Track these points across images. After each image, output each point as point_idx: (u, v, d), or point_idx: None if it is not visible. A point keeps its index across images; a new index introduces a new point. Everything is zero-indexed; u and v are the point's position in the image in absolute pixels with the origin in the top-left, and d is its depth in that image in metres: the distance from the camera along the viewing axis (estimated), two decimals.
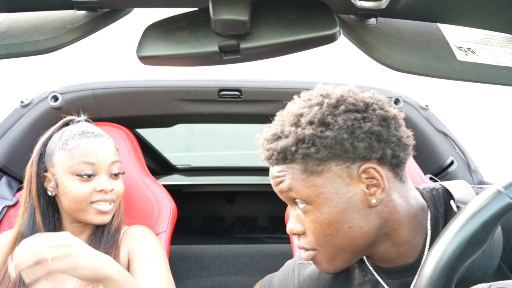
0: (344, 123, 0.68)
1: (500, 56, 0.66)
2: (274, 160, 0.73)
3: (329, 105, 0.70)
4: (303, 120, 0.70)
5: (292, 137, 0.70)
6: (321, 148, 0.68)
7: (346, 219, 0.69)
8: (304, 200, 0.71)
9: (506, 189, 0.50)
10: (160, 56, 0.60)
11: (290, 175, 0.71)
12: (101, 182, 1.07)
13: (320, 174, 0.69)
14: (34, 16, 0.66)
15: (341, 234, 0.70)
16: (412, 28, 0.67)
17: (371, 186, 0.69)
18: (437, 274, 0.49)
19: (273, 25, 0.58)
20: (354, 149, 0.68)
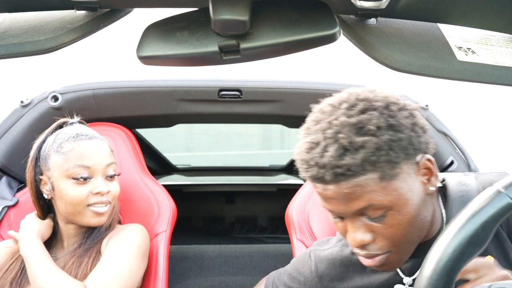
0: (406, 122, 0.69)
1: (500, 56, 0.66)
2: (345, 176, 0.67)
3: (382, 107, 0.69)
4: (369, 128, 0.66)
5: (372, 147, 0.66)
6: (399, 151, 0.67)
7: (419, 212, 0.71)
8: (387, 207, 0.69)
9: (506, 189, 0.50)
10: (160, 56, 0.60)
11: (367, 187, 0.67)
12: (97, 185, 1.07)
13: (397, 177, 0.68)
14: (34, 16, 0.66)
15: (417, 228, 0.72)
16: (412, 28, 0.67)
17: (426, 175, 0.72)
18: (437, 274, 0.49)
19: (273, 25, 0.58)
20: (419, 144, 0.70)
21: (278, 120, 1.66)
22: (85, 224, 1.08)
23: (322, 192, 0.72)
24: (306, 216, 1.29)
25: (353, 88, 0.75)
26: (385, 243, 0.71)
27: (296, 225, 1.27)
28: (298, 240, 1.23)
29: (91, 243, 1.09)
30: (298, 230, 1.25)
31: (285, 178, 2.80)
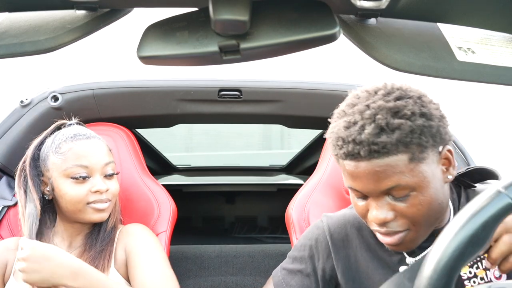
0: (435, 113, 0.76)
1: (500, 56, 0.66)
2: (379, 154, 0.72)
3: (416, 97, 0.76)
4: (405, 112, 0.73)
5: (407, 129, 0.71)
6: (429, 136, 0.73)
7: (438, 196, 0.77)
8: (411, 188, 0.74)
9: (506, 189, 0.50)
10: (160, 56, 0.60)
11: (397, 168, 0.73)
12: (96, 183, 1.08)
13: (424, 161, 0.74)
14: (34, 16, 0.66)
15: (435, 211, 0.78)
16: (412, 28, 0.67)
17: (445, 165, 0.79)
18: (437, 274, 0.49)
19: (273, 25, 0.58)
20: (445, 135, 0.77)
21: (278, 120, 1.66)
22: (87, 220, 1.09)
23: (353, 170, 0.76)
24: (306, 216, 1.29)
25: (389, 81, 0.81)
26: (405, 221, 0.77)
27: (296, 225, 1.27)
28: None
29: (102, 245, 1.10)
30: (298, 230, 1.25)
31: (285, 178, 2.80)
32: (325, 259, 0.94)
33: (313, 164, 1.69)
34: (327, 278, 0.94)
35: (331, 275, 0.94)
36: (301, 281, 0.96)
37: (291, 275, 0.98)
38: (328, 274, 0.94)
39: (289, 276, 0.98)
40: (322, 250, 0.95)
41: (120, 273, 1.08)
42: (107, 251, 1.09)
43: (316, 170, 1.41)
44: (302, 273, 0.96)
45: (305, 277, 0.95)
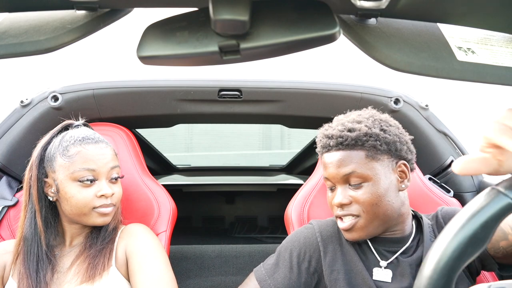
0: (394, 131, 1.02)
1: (500, 56, 0.66)
2: (343, 146, 0.99)
3: (381, 119, 1.03)
4: (367, 123, 1.00)
5: (363, 131, 0.98)
6: (383, 143, 0.98)
7: (387, 195, 0.98)
8: (363, 178, 0.98)
9: (506, 189, 0.50)
10: (160, 56, 0.60)
11: (356, 159, 0.98)
12: (102, 188, 1.09)
13: (378, 161, 0.98)
14: (34, 16, 0.66)
15: (382, 205, 0.98)
16: (412, 28, 0.67)
17: (401, 176, 1.02)
18: (437, 274, 0.49)
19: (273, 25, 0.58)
20: (400, 150, 1.01)
21: (278, 120, 1.66)
22: (90, 224, 1.10)
23: (326, 161, 1.02)
24: (305, 216, 1.29)
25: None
26: (358, 207, 0.98)
27: (295, 225, 1.27)
28: None
29: (102, 244, 1.11)
30: None
31: (285, 178, 2.80)
32: (312, 252, 1.05)
33: (313, 164, 1.69)
34: (311, 271, 1.04)
35: (316, 268, 1.04)
36: (283, 273, 1.03)
37: (274, 268, 1.05)
38: (313, 267, 1.04)
39: (272, 269, 1.05)
40: (309, 245, 1.06)
41: (121, 272, 1.08)
42: (107, 250, 1.10)
43: (315, 170, 1.41)
44: (286, 266, 1.04)
45: (289, 270, 1.03)
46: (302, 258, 1.05)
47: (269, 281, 1.03)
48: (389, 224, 1.01)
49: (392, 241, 1.04)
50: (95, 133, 1.17)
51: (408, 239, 1.04)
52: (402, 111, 1.49)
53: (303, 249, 1.06)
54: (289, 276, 1.03)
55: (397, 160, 1.01)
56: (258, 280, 1.05)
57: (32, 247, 1.08)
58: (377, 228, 1.00)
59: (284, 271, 1.04)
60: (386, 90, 1.51)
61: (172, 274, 1.09)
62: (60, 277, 1.07)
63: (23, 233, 1.10)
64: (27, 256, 1.07)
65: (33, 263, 1.06)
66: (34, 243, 1.08)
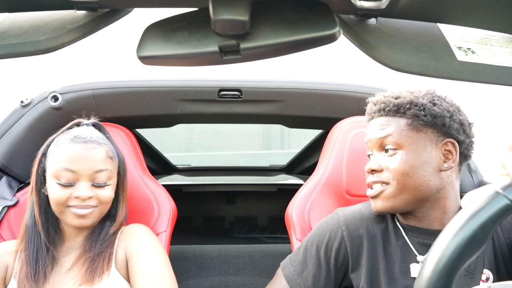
0: (445, 106, 0.95)
1: (500, 56, 0.66)
2: (385, 112, 0.96)
3: (437, 95, 0.98)
4: (418, 94, 0.97)
5: (408, 99, 0.95)
6: (428, 114, 0.93)
7: (423, 168, 0.92)
8: (398, 145, 0.94)
9: (504, 191, 0.50)
10: (160, 56, 0.60)
11: (395, 125, 0.95)
12: (79, 189, 1.06)
13: (419, 132, 0.93)
14: (34, 16, 0.66)
15: (415, 177, 0.92)
16: (412, 28, 0.67)
17: (446, 156, 0.94)
18: (436, 275, 0.49)
19: (273, 25, 0.58)
20: (449, 127, 0.93)
21: (278, 120, 1.66)
22: (69, 224, 1.09)
23: (369, 127, 1.00)
24: (306, 216, 1.29)
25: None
26: (388, 174, 0.94)
27: (296, 225, 1.27)
28: (298, 240, 1.23)
29: (102, 247, 1.09)
30: (298, 230, 1.25)
31: (285, 178, 2.80)
32: (338, 247, 1.00)
33: (313, 164, 1.69)
34: (338, 266, 1.00)
35: (342, 262, 1.00)
36: (312, 271, 1.00)
37: (302, 265, 1.01)
38: (340, 262, 1.00)
39: (300, 267, 1.02)
40: (336, 240, 1.01)
41: (121, 273, 1.08)
42: (106, 253, 1.08)
43: (316, 170, 1.41)
44: (313, 263, 1.00)
45: (317, 267, 1.00)
46: (329, 254, 1.00)
47: (299, 280, 1.00)
48: (420, 204, 0.94)
49: (429, 233, 0.95)
50: (93, 133, 1.13)
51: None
52: None
53: (330, 244, 1.01)
54: (318, 274, 1.00)
55: (444, 137, 0.94)
56: (287, 280, 1.02)
57: (32, 236, 1.09)
58: (406, 202, 0.93)
59: (313, 269, 1.00)
60: (386, 90, 1.51)
61: (172, 274, 1.09)
62: (59, 279, 1.07)
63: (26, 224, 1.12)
64: (27, 245, 1.09)
65: (33, 251, 1.08)
66: (33, 233, 1.10)
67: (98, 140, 1.11)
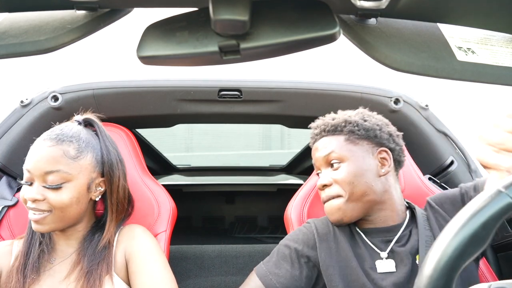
0: (375, 121, 1.11)
1: (500, 56, 0.66)
2: (325, 132, 1.10)
3: (367, 113, 1.14)
4: (351, 114, 1.12)
5: (342, 118, 1.10)
6: (361, 129, 1.08)
7: (365, 175, 1.05)
8: (341, 159, 1.06)
9: (507, 189, 0.50)
10: (160, 56, 0.60)
11: (335, 142, 1.08)
12: (28, 190, 1.00)
13: (356, 145, 1.07)
14: (34, 16, 0.66)
15: (360, 185, 1.04)
16: (412, 28, 0.67)
17: (382, 162, 1.08)
18: (437, 273, 0.49)
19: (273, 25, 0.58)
20: (380, 137, 1.08)
21: (278, 120, 1.66)
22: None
23: (313, 149, 1.13)
24: (304, 216, 1.29)
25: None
26: (338, 187, 1.05)
27: (295, 225, 1.27)
28: None
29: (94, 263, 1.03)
30: None
31: (285, 178, 2.80)
32: (310, 248, 1.08)
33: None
34: (310, 265, 1.07)
35: (314, 263, 1.07)
36: (285, 268, 1.05)
37: (275, 264, 1.07)
38: (312, 262, 1.07)
39: (273, 266, 1.07)
40: (307, 241, 1.09)
41: (120, 276, 1.07)
42: (104, 264, 1.04)
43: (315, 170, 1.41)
44: (286, 262, 1.06)
45: (290, 264, 1.06)
46: (300, 253, 1.07)
47: (271, 277, 1.05)
48: (371, 209, 1.06)
49: (385, 231, 1.07)
50: (67, 130, 1.06)
51: (400, 227, 1.08)
52: (402, 111, 1.49)
53: (301, 245, 1.08)
54: (290, 271, 1.05)
55: (377, 147, 1.08)
56: (259, 277, 1.06)
57: (29, 231, 1.09)
58: (358, 210, 1.05)
59: (285, 266, 1.06)
60: (386, 90, 1.51)
61: (172, 276, 1.08)
62: (54, 286, 1.04)
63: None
64: (25, 238, 1.09)
65: (27, 245, 1.07)
66: (30, 229, 1.09)
67: (62, 137, 1.03)
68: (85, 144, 1.06)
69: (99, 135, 1.13)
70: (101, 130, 1.14)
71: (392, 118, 1.22)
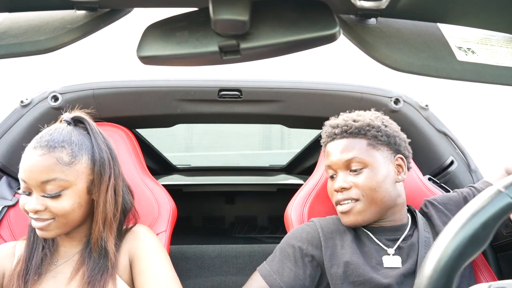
0: (394, 128, 1.13)
1: (500, 56, 0.66)
2: (347, 133, 1.08)
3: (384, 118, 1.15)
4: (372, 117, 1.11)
5: (366, 121, 1.09)
6: (384, 135, 1.09)
7: (385, 182, 1.06)
8: (364, 164, 1.06)
9: (507, 189, 0.50)
10: (160, 56, 0.60)
11: (358, 146, 1.07)
12: (28, 201, 0.98)
13: (378, 150, 1.08)
14: (34, 16, 0.66)
15: (380, 191, 1.05)
16: (412, 28, 0.67)
17: (398, 169, 1.10)
18: (437, 274, 0.49)
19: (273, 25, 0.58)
20: (399, 145, 1.11)
21: (278, 120, 1.66)
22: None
23: (329, 150, 1.11)
24: (305, 216, 1.29)
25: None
26: (357, 191, 1.05)
27: (295, 225, 1.27)
28: None
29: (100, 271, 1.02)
30: None
31: (285, 178, 2.80)
32: (314, 247, 1.08)
33: (313, 164, 1.69)
34: (314, 264, 1.06)
35: (318, 262, 1.07)
36: (289, 267, 1.05)
37: (279, 264, 1.06)
38: (316, 261, 1.07)
39: (276, 265, 1.06)
40: (311, 239, 1.09)
41: (123, 279, 1.05)
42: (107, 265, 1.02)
43: (315, 170, 1.41)
44: (290, 261, 1.06)
45: (294, 264, 1.05)
46: (304, 252, 1.07)
47: (275, 276, 1.04)
48: (385, 212, 1.08)
49: (393, 230, 1.10)
50: (57, 134, 1.02)
51: (406, 227, 1.11)
52: (402, 111, 1.49)
53: (305, 244, 1.08)
54: (294, 270, 1.04)
55: (395, 154, 1.10)
56: (263, 277, 1.05)
57: (31, 234, 1.08)
58: (374, 214, 1.06)
59: (289, 266, 1.05)
60: (386, 90, 1.51)
61: (175, 274, 1.08)
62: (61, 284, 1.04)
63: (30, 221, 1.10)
64: (27, 242, 1.08)
65: (30, 249, 1.07)
66: (32, 231, 1.08)
67: (53, 143, 1.00)
68: (78, 148, 1.02)
69: (90, 134, 1.08)
70: (92, 128, 1.09)
71: (392, 118, 1.22)
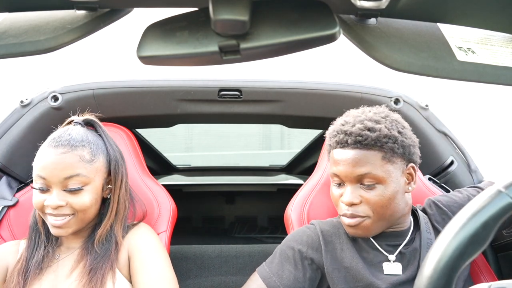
0: (410, 135, 1.03)
1: (500, 56, 0.66)
2: (362, 145, 0.97)
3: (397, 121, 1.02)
4: (386, 125, 0.99)
5: (384, 133, 0.96)
6: (400, 146, 0.98)
7: (396, 197, 0.99)
8: (377, 180, 0.97)
9: (507, 189, 0.50)
10: (160, 56, 0.60)
11: (372, 160, 0.96)
12: (49, 197, 1.01)
13: (392, 164, 0.98)
14: (34, 16, 0.66)
15: (391, 207, 0.99)
16: (412, 28, 0.67)
17: (408, 179, 1.02)
18: (437, 274, 0.49)
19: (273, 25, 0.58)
20: (413, 154, 1.02)
21: (278, 120, 1.66)
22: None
23: (338, 158, 1.00)
24: (305, 216, 1.29)
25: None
26: (367, 207, 0.99)
27: (295, 225, 1.27)
28: None
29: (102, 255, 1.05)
30: None
31: (285, 178, 2.80)
32: (314, 250, 1.06)
33: (313, 164, 1.69)
34: (314, 267, 1.05)
35: (318, 265, 1.05)
36: (288, 270, 1.03)
37: (278, 266, 1.05)
38: (316, 264, 1.05)
39: (276, 267, 1.05)
40: (311, 243, 1.07)
41: (123, 273, 1.08)
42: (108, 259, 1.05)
43: (315, 170, 1.41)
44: (290, 263, 1.04)
45: (293, 266, 1.04)
46: (304, 255, 1.05)
47: (275, 278, 1.03)
48: (392, 223, 1.04)
49: (394, 235, 1.06)
50: (74, 134, 1.07)
51: (408, 232, 1.07)
52: (402, 111, 1.49)
53: (305, 247, 1.06)
54: (294, 273, 1.03)
55: (407, 163, 1.02)
56: (262, 278, 1.04)
57: (33, 234, 1.10)
58: (381, 228, 1.02)
59: (289, 268, 1.04)
60: (386, 90, 1.51)
61: (173, 274, 1.08)
62: (59, 282, 1.05)
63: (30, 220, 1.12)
64: (29, 242, 1.10)
65: (32, 249, 1.08)
66: (34, 231, 1.10)
67: (74, 142, 1.05)
68: (95, 147, 1.08)
69: (102, 135, 1.15)
70: (103, 130, 1.17)
71: None
